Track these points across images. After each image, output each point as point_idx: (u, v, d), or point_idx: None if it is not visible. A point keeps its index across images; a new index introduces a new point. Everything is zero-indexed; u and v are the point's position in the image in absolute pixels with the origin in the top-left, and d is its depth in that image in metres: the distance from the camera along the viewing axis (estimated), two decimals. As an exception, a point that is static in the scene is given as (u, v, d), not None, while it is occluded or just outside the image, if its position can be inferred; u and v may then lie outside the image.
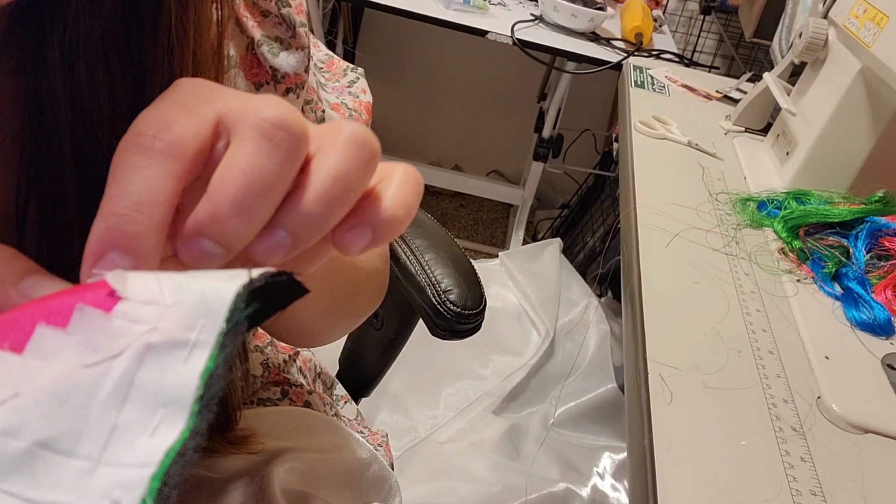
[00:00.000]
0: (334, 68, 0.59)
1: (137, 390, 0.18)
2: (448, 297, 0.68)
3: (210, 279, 0.19)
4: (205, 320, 0.18)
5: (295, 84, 0.44)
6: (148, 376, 0.18)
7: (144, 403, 0.18)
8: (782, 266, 0.71)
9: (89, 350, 0.18)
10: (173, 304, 0.19)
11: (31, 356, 0.18)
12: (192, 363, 0.18)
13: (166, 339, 0.18)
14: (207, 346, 0.18)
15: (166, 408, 0.18)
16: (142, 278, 0.19)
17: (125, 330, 0.18)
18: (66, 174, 0.30)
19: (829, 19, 0.87)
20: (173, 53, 0.31)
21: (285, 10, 0.42)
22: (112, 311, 0.18)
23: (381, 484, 0.61)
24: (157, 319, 0.18)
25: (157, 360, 0.18)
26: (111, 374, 0.18)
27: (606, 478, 1.27)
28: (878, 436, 0.54)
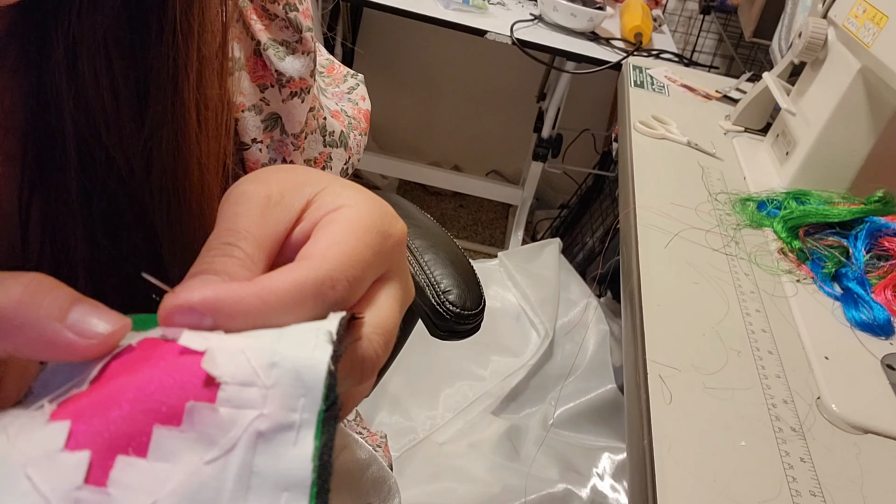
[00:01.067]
0: (335, 73, 0.59)
1: (258, 479, 0.18)
2: (447, 298, 0.68)
3: (296, 349, 0.20)
4: (304, 400, 0.19)
5: (300, 89, 0.44)
6: (264, 463, 0.19)
7: (267, 491, 0.18)
8: (782, 266, 0.71)
9: (206, 445, 0.19)
10: (272, 386, 0.19)
11: (155, 459, 0.18)
12: (301, 445, 0.19)
13: (274, 423, 0.19)
14: (311, 424, 0.19)
15: (288, 492, 0.18)
16: (230, 355, 0.20)
17: (234, 418, 0.19)
18: (69, 172, 0.30)
19: (828, 19, 0.87)
20: (178, 51, 0.31)
21: (292, 14, 0.42)
22: (217, 400, 0.19)
23: (380, 485, 0.61)
24: (262, 404, 0.19)
25: (270, 446, 0.19)
26: (231, 466, 0.18)
27: (606, 478, 1.27)
28: (878, 436, 0.54)
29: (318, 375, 0.19)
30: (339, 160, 0.50)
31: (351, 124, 0.53)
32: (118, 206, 0.32)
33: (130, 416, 0.19)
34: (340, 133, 0.50)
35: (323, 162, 0.49)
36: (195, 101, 0.32)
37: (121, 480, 0.18)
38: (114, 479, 0.18)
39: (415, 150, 2.32)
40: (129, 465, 0.18)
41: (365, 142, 0.54)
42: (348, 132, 0.52)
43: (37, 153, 0.31)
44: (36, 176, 0.31)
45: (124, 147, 0.31)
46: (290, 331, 0.20)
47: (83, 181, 0.31)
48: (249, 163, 0.42)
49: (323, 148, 0.48)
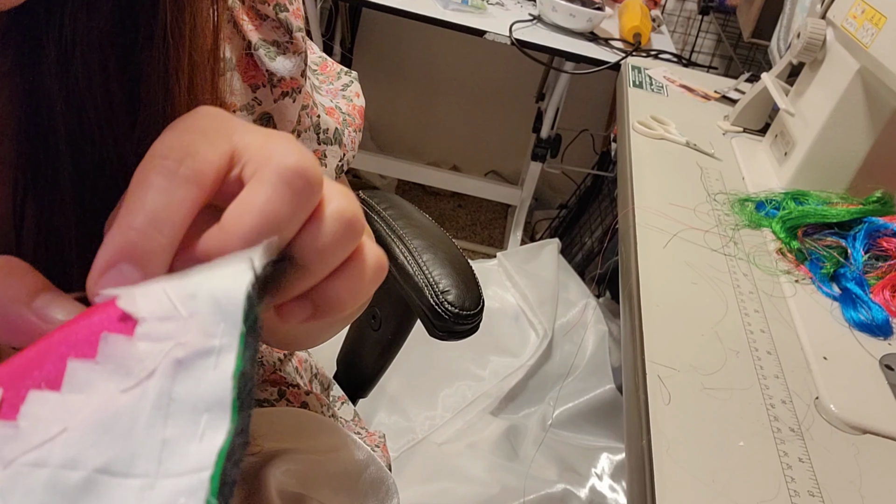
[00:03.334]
0: (328, 70, 0.59)
1: (177, 404, 0.19)
2: (446, 298, 0.68)
3: (216, 280, 0.20)
4: (224, 325, 0.19)
5: (291, 88, 0.44)
6: (184, 389, 0.19)
7: (186, 414, 0.18)
8: (780, 266, 0.71)
9: (122, 376, 0.19)
10: (189, 317, 0.19)
11: (68, 391, 0.19)
12: (221, 368, 0.19)
13: (192, 350, 0.19)
14: (232, 348, 0.19)
15: (208, 413, 0.18)
16: (150, 294, 0.20)
17: (151, 350, 0.19)
18: (63, 174, 0.30)
19: (827, 20, 0.87)
20: (169, 54, 0.31)
21: (283, 15, 0.42)
22: (134, 334, 0.19)
23: (379, 485, 0.61)
24: (179, 334, 0.19)
25: (189, 372, 0.19)
26: (148, 394, 0.19)
27: (605, 479, 1.27)
28: (876, 436, 0.54)
29: (237, 300, 0.19)
30: (334, 157, 0.50)
31: (345, 121, 0.53)
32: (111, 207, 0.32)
33: (45, 355, 0.19)
34: (335, 130, 0.50)
35: (318, 159, 0.49)
36: (187, 105, 0.32)
37: (31, 413, 0.18)
38: (24, 412, 0.18)
39: (413, 150, 2.32)
40: (41, 398, 0.18)
41: (360, 138, 0.55)
42: (343, 129, 0.52)
43: (30, 156, 0.31)
44: (29, 178, 0.31)
45: (117, 148, 0.31)
46: (215, 265, 0.21)
47: (76, 183, 0.31)
48: None
49: (317, 146, 0.48)
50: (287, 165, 0.23)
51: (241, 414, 0.19)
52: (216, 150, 0.23)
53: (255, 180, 0.23)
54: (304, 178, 0.23)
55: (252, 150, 0.24)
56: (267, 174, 0.23)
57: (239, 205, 0.23)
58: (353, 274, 0.26)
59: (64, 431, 0.18)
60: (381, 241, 0.74)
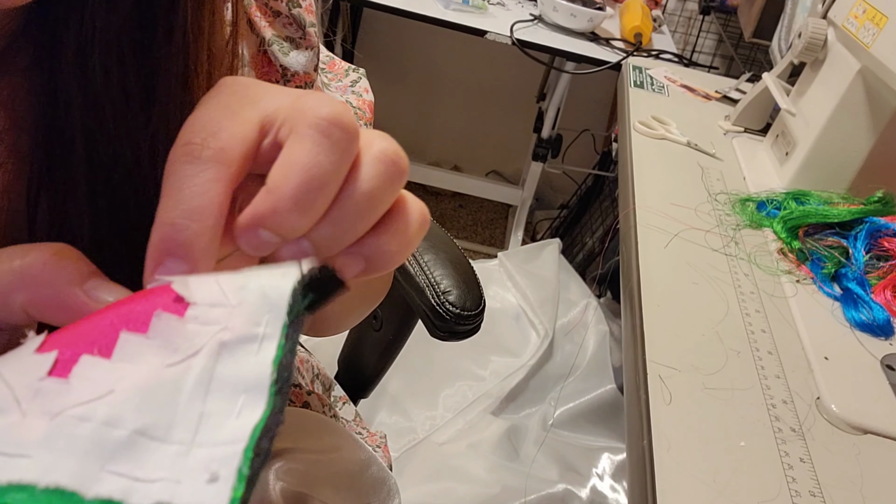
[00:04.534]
0: (336, 69, 0.59)
1: (218, 382, 0.20)
2: (447, 298, 0.68)
3: (266, 277, 0.21)
4: (269, 315, 0.20)
5: (304, 83, 0.44)
6: (225, 370, 0.20)
7: (226, 392, 0.20)
8: (781, 266, 0.71)
9: (170, 352, 0.20)
10: (238, 305, 0.20)
11: (118, 360, 0.20)
12: (263, 354, 0.20)
13: (237, 335, 0.20)
14: (274, 337, 0.20)
15: (246, 394, 0.20)
16: (203, 282, 0.21)
17: (199, 331, 0.20)
18: (77, 169, 0.31)
19: (828, 19, 0.87)
20: (188, 50, 0.31)
21: (296, 11, 0.42)
22: (185, 316, 0.20)
23: (380, 485, 0.61)
24: (227, 319, 0.20)
25: (232, 355, 0.20)
26: (192, 370, 0.20)
27: (605, 479, 1.27)
28: (878, 436, 0.54)
29: (284, 293, 0.21)
30: None
31: (357, 115, 0.53)
32: (124, 202, 0.32)
33: (101, 326, 0.20)
34: None
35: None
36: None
37: (82, 374, 0.19)
38: (76, 372, 0.19)
39: (414, 150, 2.32)
40: (92, 363, 0.20)
41: None
42: None
43: (45, 150, 0.31)
44: (44, 173, 0.31)
45: (131, 143, 0.31)
46: (264, 266, 0.22)
47: (90, 177, 0.31)
48: None
49: None
50: (321, 116, 0.23)
51: (277, 397, 0.20)
52: (240, 122, 0.23)
53: (292, 138, 0.23)
54: (340, 127, 0.23)
55: (283, 112, 0.24)
56: (303, 129, 0.23)
57: (281, 165, 0.23)
58: (399, 225, 0.26)
59: (110, 393, 0.19)
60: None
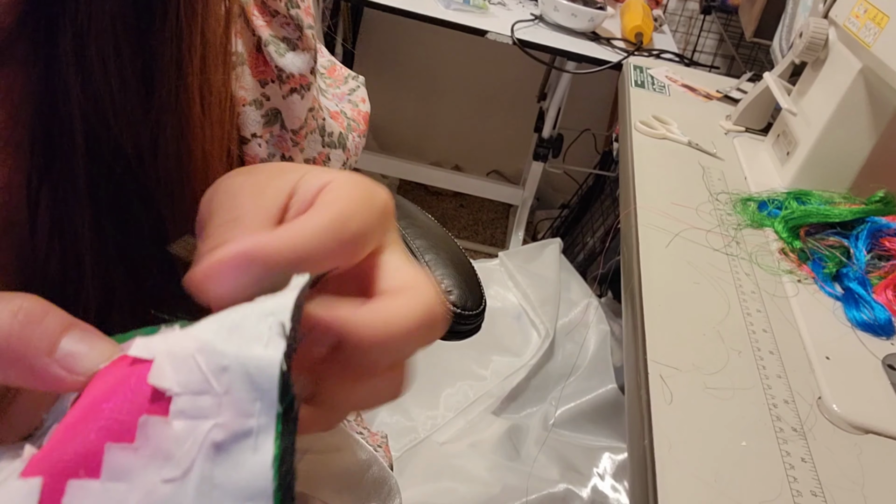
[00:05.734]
0: (336, 74, 0.59)
1: (219, 492, 0.18)
2: (448, 298, 0.68)
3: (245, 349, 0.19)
4: (260, 404, 0.18)
5: (300, 85, 0.44)
6: (224, 475, 0.18)
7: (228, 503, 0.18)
8: (783, 266, 0.71)
9: (161, 461, 0.18)
10: (225, 393, 0.18)
11: (108, 479, 0.18)
12: (261, 453, 0.18)
13: (230, 433, 0.18)
14: (270, 430, 0.18)
15: (251, 502, 0.18)
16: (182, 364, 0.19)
17: (189, 431, 0.18)
18: (77, 161, 0.31)
19: (829, 19, 0.87)
20: (181, 35, 0.31)
21: (294, 12, 0.42)
22: (170, 413, 0.18)
23: (381, 485, 0.61)
24: (216, 412, 0.18)
25: (228, 456, 0.18)
26: (190, 482, 0.18)
27: (606, 478, 1.27)
28: (879, 436, 0.54)
29: (272, 376, 0.18)
30: (338, 161, 0.50)
31: (350, 126, 0.53)
32: (125, 193, 0.32)
33: (82, 436, 0.18)
34: (339, 134, 0.50)
35: (322, 162, 0.49)
36: (199, 87, 0.32)
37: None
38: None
39: (415, 150, 2.32)
40: (82, 488, 0.18)
41: (363, 144, 0.55)
42: (347, 133, 0.52)
43: (45, 142, 0.31)
44: (44, 165, 0.31)
45: (132, 133, 0.31)
46: (242, 323, 0.20)
47: (90, 169, 0.31)
48: (248, 157, 0.42)
49: (322, 148, 0.48)
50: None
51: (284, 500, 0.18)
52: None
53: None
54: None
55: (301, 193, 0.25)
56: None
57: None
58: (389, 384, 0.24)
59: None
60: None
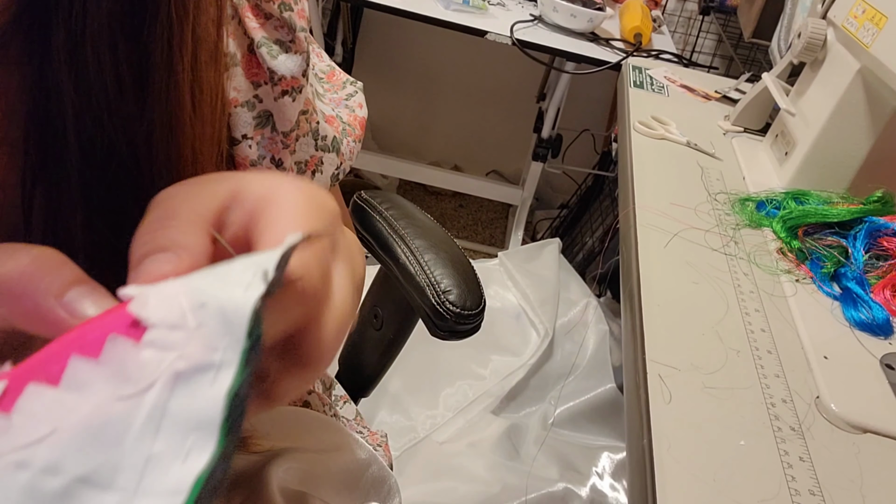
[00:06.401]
0: (334, 79, 0.59)
1: (170, 419, 0.18)
2: (447, 298, 0.68)
3: (226, 290, 0.20)
4: (228, 339, 0.19)
5: (292, 87, 0.44)
6: (179, 404, 0.18)
7: (176, 431, 0.18)
8: (781, 266, 0.72)
9: (121, 381, 0.18)
10: (197, 328, 0.19)
11: (66, 389, 0.18)
12: (218, 384, 0.18)
13: (193, 364, 0.19)
14: (232, 364, 0.19)
15: (197, 432, 0.18)
16: (165, 298, 0.20)
17: (155, 359, 0.19)
18: (70, 160, 0.31)
19: (827, 19, 0.88)
20: (172, 31, 0.31)
21: (287, 14, 0.42)
22: (141, 341, 0.19)
23: (381, 484, 0.61)
24: (184, 345, 0.19)
25: (186, 385, 0.18)
26: (144, 405, 0.18)
27: (605, 478, 1.28)
28: (877, 435, 0.54)
29: (243, 314, 0.19)
30: (331, 165, 0.50)
31: (345, 130, 0.53)
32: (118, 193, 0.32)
33: (52, 350, 0.19)
34: (333, 138, 0.50)
35: (314, 165, 0.49)
36: (190, 85, 0.32)
37: (26, 408, 0.18)
38: (19, 406, 0.18)
39: (415, 150, 2.32)
40: (38, 393, 0.18)
41: (358, 149, 0.55)
42: (341, 138, 0.52)
43: (38, 142, 0.31)
44: (38, 165, 0.31)
45: (126, 132, 0.31)
46: (230, 270, 0.20)
47: (84, 169, 0.31)
48: (239, 158, 0.42)
49: (314, 151, 0.48)
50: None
51: (227, 438, 0.18)
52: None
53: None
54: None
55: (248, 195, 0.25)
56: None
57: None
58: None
59: (53, 433, 0.18)
60: (383, 242, 0.75)
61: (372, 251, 0.76)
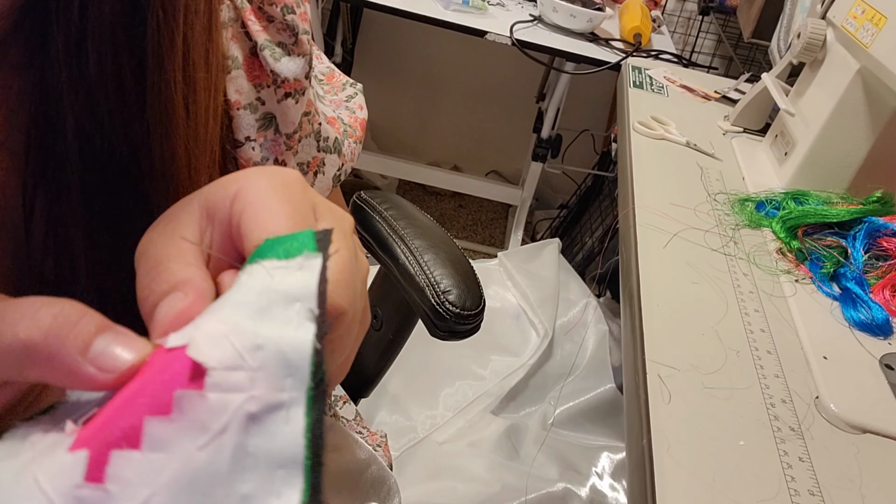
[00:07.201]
0: (334, 81, 0.59)
1: (252, 459, 0.19)
2: (447, 298, 0.68)
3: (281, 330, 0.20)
4: (291, 380, 0.20)
5: (295, 90, 0.44)
6: (257, 444, 0.19)
7: (262, 470, 0.19)
8: (781, 266, 0.72)
9: (197, 431, 0.19)
10: (259, 368, 0.20)
11: (149, 450, 0.19)
12: (292, 423, 0.19)
13: (264, 404, 0.19)
14: (300, 403, 0.19)
15: (283, 469, 0.19)
16: (216, 342, 0.20)
17: (223, 402, 0.19)
18: (71, 163, 0.31)
19: (827, 20, 0.88)
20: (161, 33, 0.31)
21: (290, 17, 0.43)
22: (205, 386, 0.19)
23: (380, 484, 0.62)
24: (250, 386, 0.19)
25: (262, 426, 0.19)
26: (224, 449, 0.19)
27: (605, 478, 1.28)
28: (877, 436, 0.54)
29: (304, 354, 0.20)
30: (332, 166, 0.51)
31: (346, 132, 0.53)
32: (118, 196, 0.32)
33: (124, 413, 0.20)
34: (335, 139, 0.51)
35: (316, 166, 0.49)
36: (181, 84, 0.32)
37: (117, 475, 0.19)
38: (110, 474, 0.19)
39: (414, 150, 2.32)
40: (124, 458, 0.19)
41: (359, 150, 0.55)
42: (343, 139, 0.52)
43: (40, 146, 0.31)
44: (39, 169, 0.31)
45: (127, 135, 0.31)
46: (270, 308, 0.21)
47: (84, 173, 0.31)
48: (242, 160, 0.42)
49: (316, 153, 0.49)
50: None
51: (313, 473, 0.19)
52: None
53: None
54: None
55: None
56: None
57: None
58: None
59: (152, 496, 0.18)
60: (383, 242, 0.75)
61: (371, 251, 0.76)
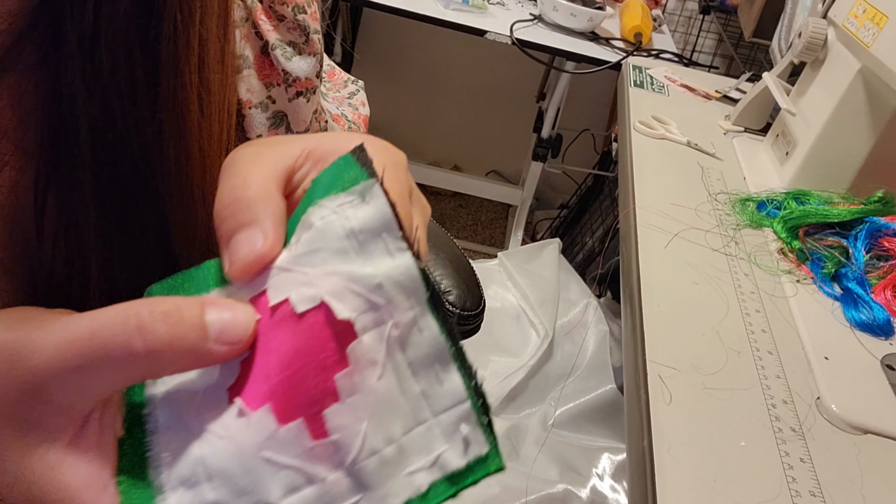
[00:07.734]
0: (335, 79, 0.59)
1: (414, 367, 0.24)
2: (447, 298, 0.68)
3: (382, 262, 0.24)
4: (413, 298, 0.24)
5: (306, 88, 0.44)
6: (412, 354, 0.24)
7: (424, 370, 0.24)
8: (782, 266, 0.71)
9: (372, 367, 0.24)
10: (387, 302, 0.24)
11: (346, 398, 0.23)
12: (429, 328, 0.24)
13: (403, 325, 0.24)
14: (426, 310, 0.24)
15: (438, 363, 0.24)
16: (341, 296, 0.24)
17: (378, 339, 0.24)
18: (83, 163, 0.31)
19: (828, 19, 0.87)
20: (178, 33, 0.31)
21: (301, 17, 0.43)
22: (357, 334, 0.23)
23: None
24: (388, 317, 0.24)
25: (409, 341, 0.24)
26: (394, 371, 0.24)
27: (606, 479, 1.27)
28: (878, 436, 0.54)
29: (413, 276, 0.24)
30: None
31: (350, 129, 0.53)
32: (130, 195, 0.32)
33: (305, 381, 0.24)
34: None
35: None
36: (197, 87, 0.32)
37: (336, 426, 0.23)
38: (330, 427, 0.23)
39: (414, 150, 2.32)
40: (333, 412, 0.23)
41: None
42: None
43: (52, 147, 0.31)
44: (51, 168, 0.31)
45: (139, 134, 0.31)
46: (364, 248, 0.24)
47: (97, 172, 0.31)
48: None
49: None
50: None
51: (459, 355, 0.24)
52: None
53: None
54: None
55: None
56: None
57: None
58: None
59: (365, 427, 0.23)
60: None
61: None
